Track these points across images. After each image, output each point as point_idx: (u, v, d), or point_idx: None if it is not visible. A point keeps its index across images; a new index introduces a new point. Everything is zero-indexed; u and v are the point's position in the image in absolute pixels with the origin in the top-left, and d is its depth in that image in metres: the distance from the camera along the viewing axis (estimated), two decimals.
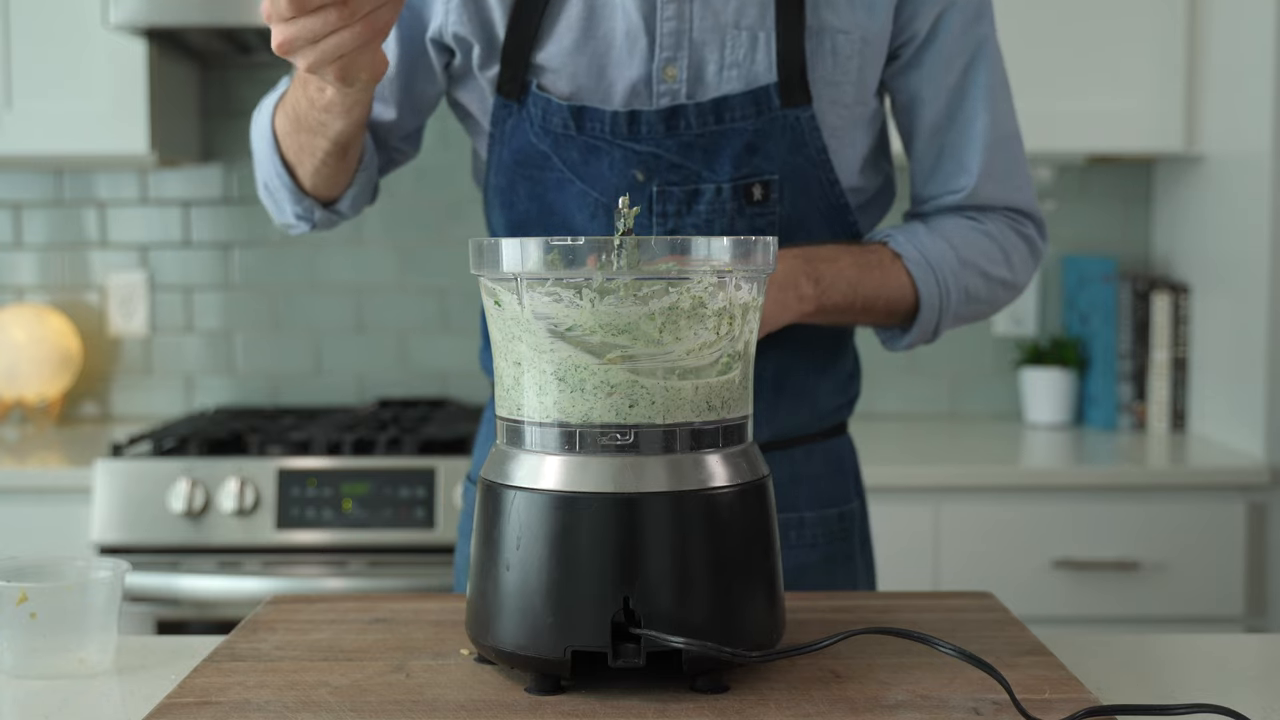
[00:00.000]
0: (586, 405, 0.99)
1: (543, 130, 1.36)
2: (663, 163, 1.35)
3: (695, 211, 1.35)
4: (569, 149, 1.36)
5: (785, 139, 1.35)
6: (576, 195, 1.37)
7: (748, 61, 1.34)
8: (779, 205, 1.36)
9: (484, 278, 1.03)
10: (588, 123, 1.35)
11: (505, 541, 1.00)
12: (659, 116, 1.34)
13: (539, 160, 1.38)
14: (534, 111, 1.36)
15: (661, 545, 0.98)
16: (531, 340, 1.00)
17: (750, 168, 1.35)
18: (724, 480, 1.01)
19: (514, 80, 1.37)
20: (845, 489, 1.51)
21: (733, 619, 1.00)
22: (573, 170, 1.36)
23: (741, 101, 1.34)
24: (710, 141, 1.34)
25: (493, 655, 1.02)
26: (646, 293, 0.97)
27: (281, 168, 1.42)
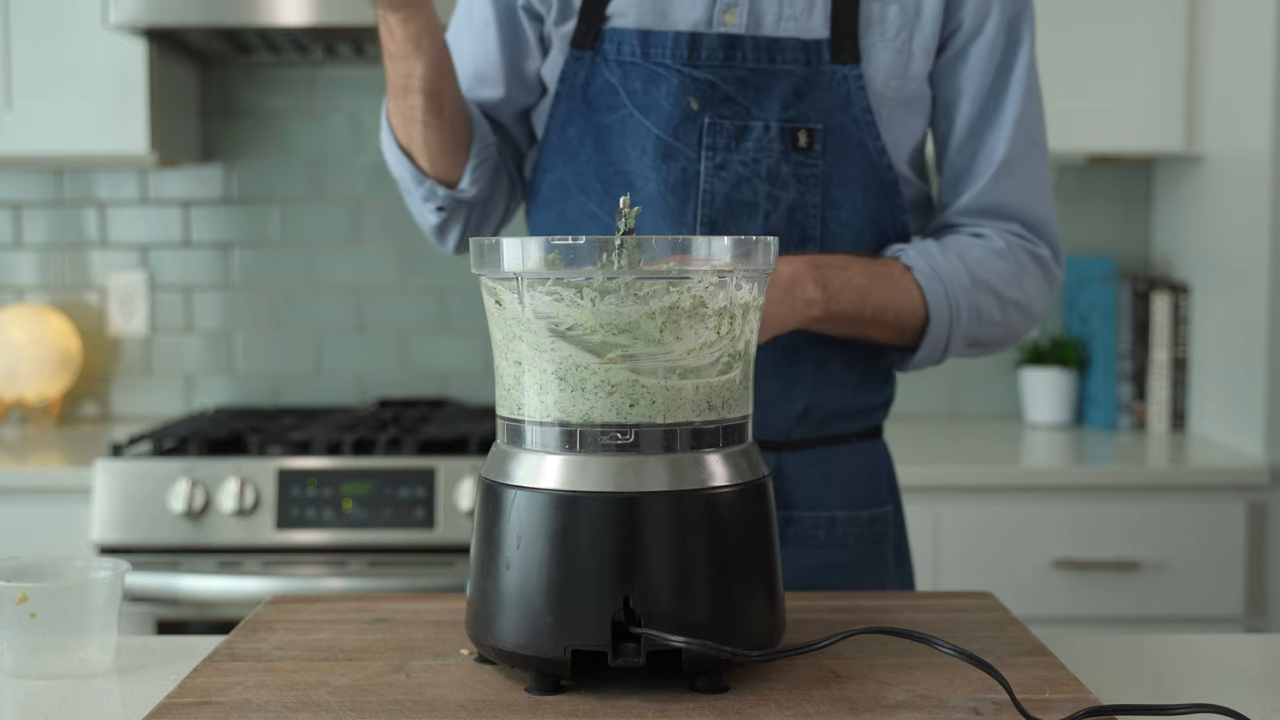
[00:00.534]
0: (587, 405, 0.99)
1: (615, 63, 1.41)
2: (717, 93, 1.39)
3: (743, 148, 1.39)
4: (634, 78, 1.40)
5: (832, 93, 1.39)
6: (634, 131, 1.41)
7: (804, 16, 1.39)
8: (823, 159, 1.39)
9: (485, 277, 1.03)
10: (653, 48, 1.40)
11: (505, 541, 1.00)
12: (719, 42, 1.39)
13: (608, 98, 1.42)
14: (608, 48, 1.41)
15: (662, 545, 0.98)
16: (532, 340, 1.00)
17: (797, 112, 1.39)
18: (724, 480, 1.01)
19: (589, 31, 1.42)
20: (879, 492, 1.51)
21: (733, 619, 1.00)
22: (634, 102, 1.40)
23: (794, 47, 1.39)
24: (762, 79, 1.39)
25: (493, 655, 1.02)
26: (647, 292, 0.97)
27: (399, 152, 1.47)
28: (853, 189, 1.41)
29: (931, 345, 1.43)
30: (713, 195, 1.39)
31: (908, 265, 1.40)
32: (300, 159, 3.20)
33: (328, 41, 2.94)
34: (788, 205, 1.39)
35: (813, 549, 1.44)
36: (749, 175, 1.39)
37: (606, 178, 1.42)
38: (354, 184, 3.19)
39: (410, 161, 1.46)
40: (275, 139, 3.19)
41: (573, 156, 1.45)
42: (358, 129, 3.19)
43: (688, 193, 1.39)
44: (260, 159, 3.20)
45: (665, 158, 1.39)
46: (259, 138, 3.19)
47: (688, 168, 1.39)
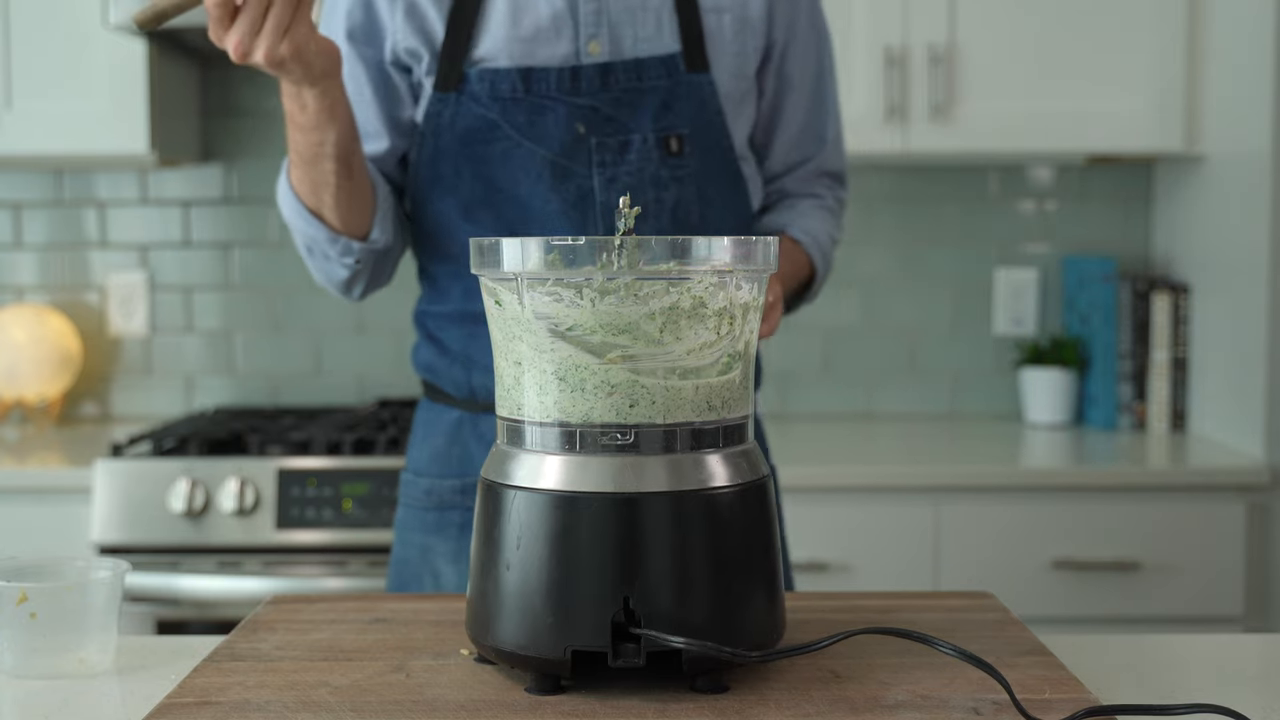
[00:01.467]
0: (587, 405, 0.99)
1: (491, 99, 1.52)
2: (599, 115, 1.53)
3: (628, 160, 1.54)
4: (516, 112, 1.52)
5: (691, 100, 1.56)
6: (523, 159, 1.53)
7: (655, 34, 1.56)
8: (691, 159, 1.56)
9: (484, 277, 1.03)
10: (535, 82, 1.52)
11: (505, 541, 1.00)
12: (596, 71, 1.53)
13: (486, 133, 1.53)
14: (479, 88, 1.53)
15: (661, 545, 0.98)
16: (532, 340, 1.00)
17: (666, 122, 1.55)
18: (724, 480, 1.01)
19: (451, 74, 1.54)
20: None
21: (733, 619, 1.00)
22: (520, 133, 1.52)
23: (655, 64, 1.55)
24: (635, 97, 1.54)
25: (493, 655, 1.02)
26: (647, 293, 0.97)
27: (310, 215, 1.52)
28: (717, 183, 1.59)
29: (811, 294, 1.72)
30: (609, 206, 1.53)
31: (796, 240, 1.66)
32: None
33: None
34: (670, 205, 1.55)
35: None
36: (636, 184, 1.54)
37: (496, 204, 1.54)
38: None
39: (322, 223, 1.52)
40: (275, 139, 3.19)
41: (451, 190, 1.56)
42: None
43: (585, 206, 1.53)
44: (260, 159, 3.20)
45: (562, 178, 1.53)
46: (259, 138, 3.20)
47: (582, 184, 1.54)
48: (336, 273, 1.58)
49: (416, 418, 1.70)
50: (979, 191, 3.20)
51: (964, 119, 2.80)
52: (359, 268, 1.58)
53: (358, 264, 1.57)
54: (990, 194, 3.20)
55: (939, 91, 2.77)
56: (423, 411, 1.69)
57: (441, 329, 1.63)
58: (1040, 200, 3.21)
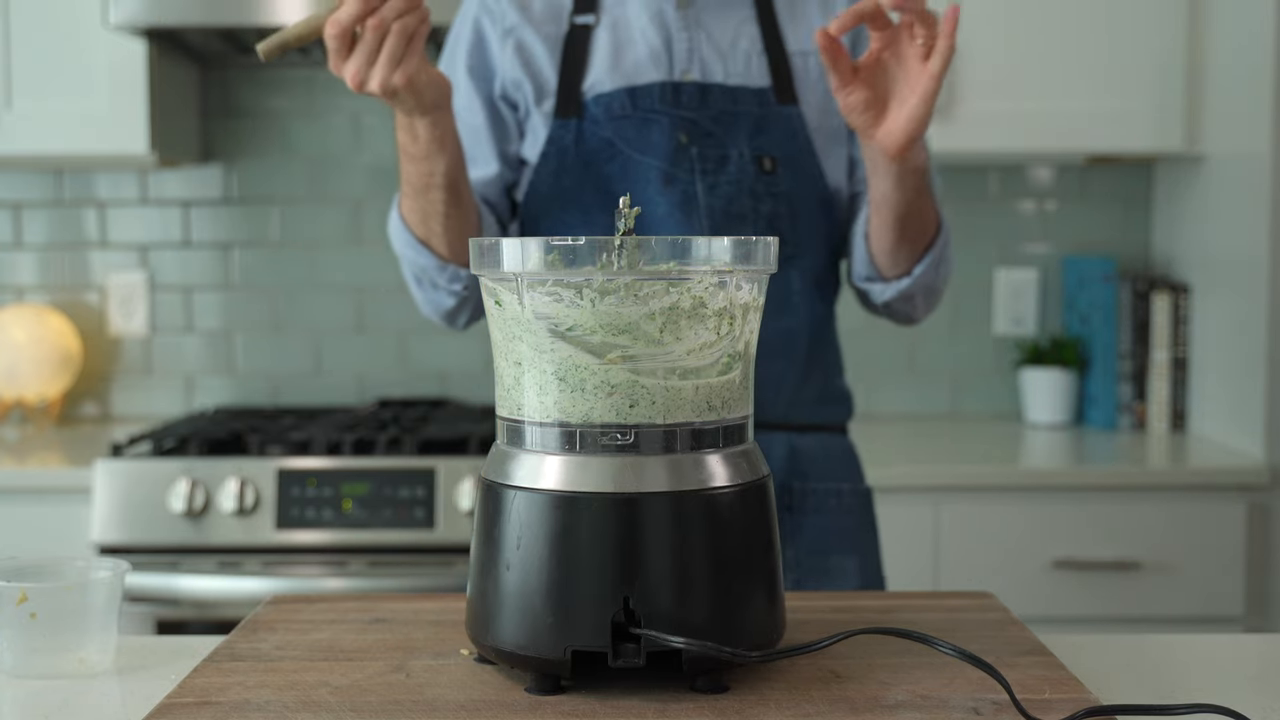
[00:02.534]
0: (587, 405, 0.99)
1: (606, 120, 1.63)
2: (699, 129, 1.63)
3: (727, 171, 1.63)
4: (626, 128, 1.63)
5: (781, 128, 1.65)
6: (635, 171, 1.63)
7: (745, 72, 1.66)
8: (783, 181, 1.65)
9: (485, 277, 1.03)
10: (641, 98, 1.63)
11: (505, 541, 1.00)
12: (695, 89, 1.64)
13: (603, 151, 1.64)
14: (596, 111, 1.64)
15: (661, 545, 0.98)
16: (532, 340, 1.00)
17: (759, 143, 1.65)
18: (724, 480, 1.01)
19: (569, 102, 1.65)
20: (860, 472, 1.79)
21: (733, 619, 1.00)
22: (630, 147, 1.63)
23: (748, 93, 1.66)
24: (730, 118, 1.64)
25: (493, 655, 1.02)
26: (647, 293, 0.97)
27: (419, 245, 1.60)
28: (808, 204, 1.66)
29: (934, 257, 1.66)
30: (712, 210, 1.62)
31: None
32: (300, 159, 3.20)
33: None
34: (767, 215, 1.64)
35: (827, 515, 1.71)
36: (736, 193, 1.63)
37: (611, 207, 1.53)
38: (354, 184, 3.19)
39: (430, 252, 1.60)
40: (275, 139, 3.19)
41: (573, 203, 1.65)
42: (358, 129, 3.19)
43: (690, 209, 1.62)
44: (260, 159, 3.20)
45: (668, 184, 1.62)
46: (259, 138, 3.20)
47: (687, 189, 1.62)
48: (443, 301, 1.65)
49: None
50: (979, 191, 3.20)
51: (964, 119, 2.80)
52: (465, 294, 1.64)
53: (465, 290, 1.63)
54: (990, 194, 3.20)
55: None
56: None
57: None
58: (1040, 200, 3.21)
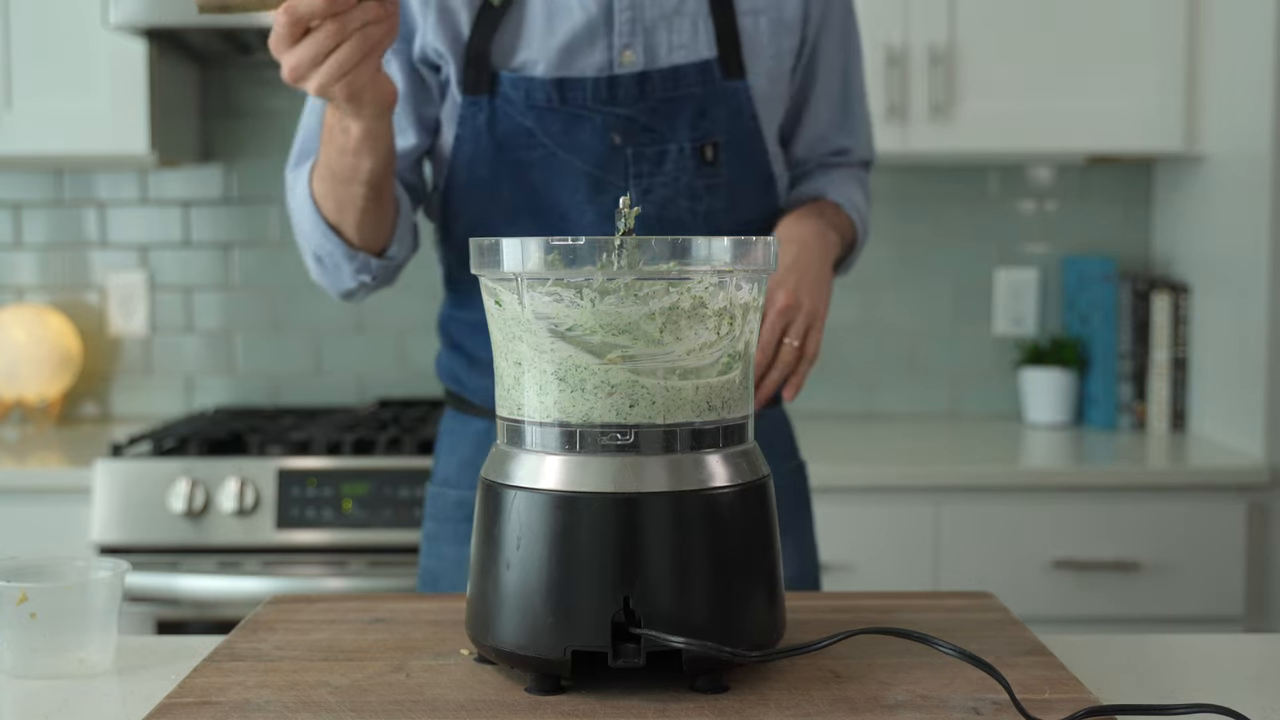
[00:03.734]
0: (587, 405, 0.99)
1: (525, 107, 1.49)
2: (636, 125, 1.50)
3: (664, 171, 1.51)
4: (551, 121, 1.49)
5: (726, 107, 1.53)
6: (560, 169, 1.50)
7: (692, 42, 1.52)
8: (726, 168, 1.54)
9: (484, 277, 1.03)
10: (570, 92, 1.49)
11: (505, 541, 1.00)
12: (633, 80, 1.50)
13: (523, 140, 1.50)
14: (514, 94, 1.49)
15: (661, 545, 0.98)
16: (532, 340, 1.00)
17: (701, 130, 1.52)
18: (724, 480, 1.01)
19: (480, 77, 1.50)
20: (790, 446, 1.72)
21: (733, 619, 1.00)
22: (555, 142, 1.49)
23: (691, 71, 1.52)
24: (671, 106, 1.51)
25: (493, 655, 1.02)
26: (647, 293, 0.97)
27: (329, 230, 1.49)
28: (748, 189, 1.57)
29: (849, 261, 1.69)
30: (645, 218, 1.50)
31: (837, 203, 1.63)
32: None
33: None
34: (704, 214, 1.53)
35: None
36: (672, 195, 1.52)
37: (537, 211, 1.51)
38: None
39: (340, 239, 1.49)
40: (275, 139, 3.19)
41: (491, 194, 1.53)
42: None
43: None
44: (260, 159, 3.20)
45: (598, 191, 1.50)
46: (259, 138, 3.19)
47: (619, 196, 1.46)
48: (345, 283, 1.56)
49: (442, 428, 1.69)
50: (979, 191, 3.20)
51: (964, 118, 2.80)
52: (370, 282, 1.55)
53: (371, 280, 1.55)
54: (990, 194, 3.20)
55: (939, 91, 2.78)
56: (448, 422, 1.67)
57: (468, 336, 1.61)
58: (1040, 200, 3.21)
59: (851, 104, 1.69)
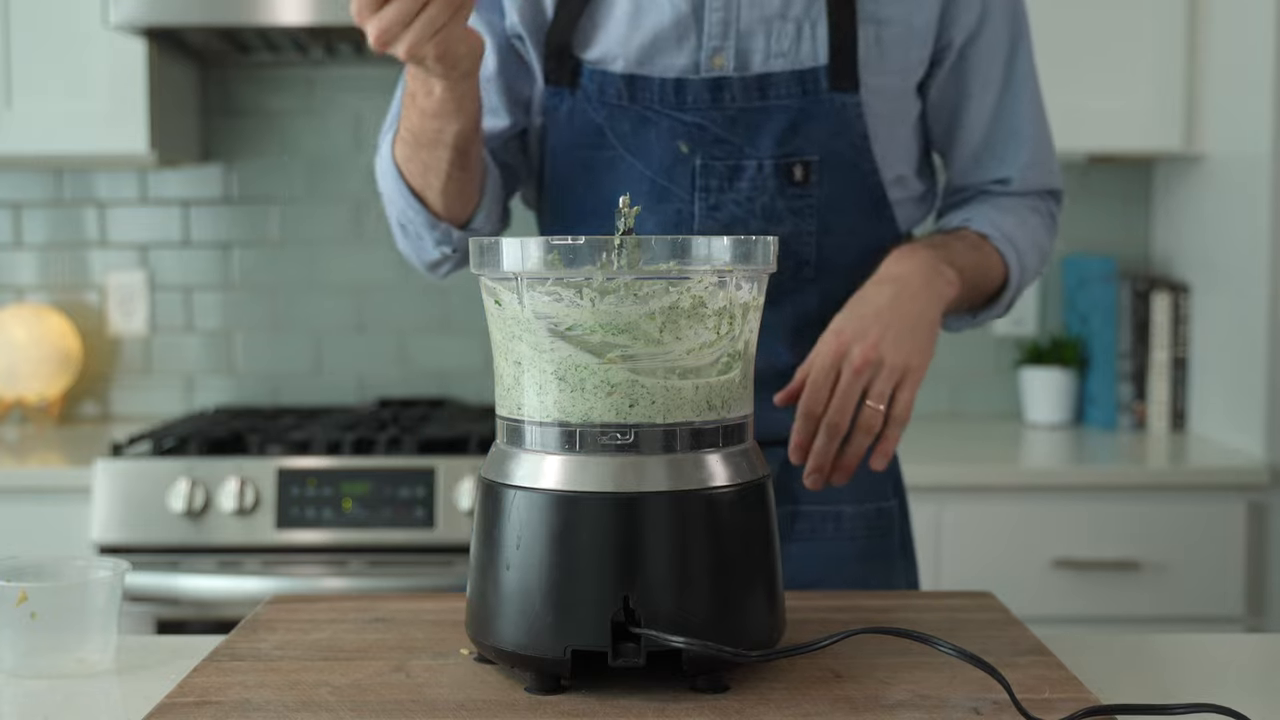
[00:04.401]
0: (586, 405, 0.99)
1: (599, 103, 1.40)
2: (708, 135, 1.38)
3: (737, 188, 1.39)
4: (621, 121, 1.40)
5: (828, 122, 1.39)
6: (626, 172, 1.41)
7: (793, 51, 1.38)
8: (818, 189, 1.39)
9: (484, 277, 1.03)
10: (639, 92, 1.39)
11: (505, 541, 1.00)
12: (704, 85, 1.38)
13: (593, 138, 1.42)
14: (590, 87, 1.40)
15: (661, 545, 0.98)
16: (531, 340, 1.00)
17: (792, 147, 1.38)
18: (724, 480, 1.01)
19: (562, 67, 1.42)
20: (884, 486, 1.52)
21: (733, 618, 1.00)
22: (623, 144, 1.40)
23: (787, 80, 1.38)
24: (753, 117, 1.38)
25: (492, 655, 1.02)
26: (646, 292, 0.97)
27: (412, 197, 1.41)
28: (847, 213, 1.42)
29: (1003, 301, 1.49)
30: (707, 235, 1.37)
31: (982, 233, 1.45)
32: (300, 159, 3.20)
33: (328, 41, 2.94)
34: (782, 239, 1.39)
35: (821, 542, 1.46)
36: (743, 215, 1.40)
37: (602, 214, 1.42)
38: (354, 183, 3.19)
39: (424, 206, 1.42)
40: (275, 139, 3.19)
41: (568, 189, 1.45)
42: (358, 129, 3.19)
43: (681, 234, 1.39)
44: (260, 159, 3.20)
45: (659, 199, 1.41)
46: (259, 137, 3.19)
47: (682, 209, 1.41)
48: (428, 253, 1.48)
49: None
50: None
51: None
52: (453, 255, 1.46)
53: (454, 252, 1.46)
54: None
55: None
56: None
57: None
58: None
59: (1014, 124, 1.51)
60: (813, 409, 1.23)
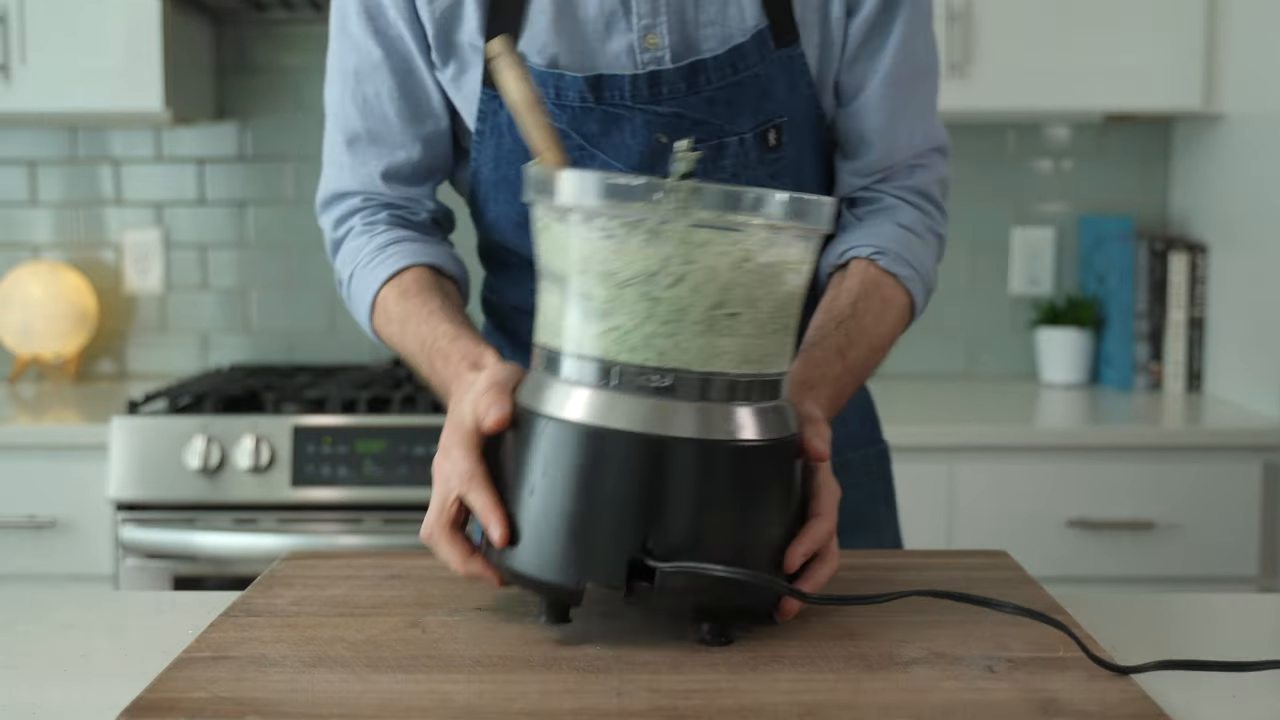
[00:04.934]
0: (627, 344, 0.98)
1: (557, 108, 1.33)
2: (685, 121, 1.33)
3: (721, 166, 1.34)
4: (587, 122, 1.33)
5: (785, 79, 1.35)
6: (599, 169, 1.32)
7: (721, 17, 1.32)
8: (789, 148, 1.36)
9: (538, 206, 1.03)
10: (606, 91, 1.32)
11: (532, 467, 1.00)
12: (680, 74, 1.32)
13: None
14: (544, 91, 1.31)
15: (685, 491, 0.98)
16: (579, 274, 0.99)
17: (765, 114, 1.34)
18: (754, 434, 1.00)
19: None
20: (874, 432, 1.58)
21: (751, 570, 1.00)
22: (592, 143, 1.34)
23: (751, 48, 1.32)
24: (731, 93, 1.33)
25: (509, 576, 1.02)
26: (696, 240, 0.97)
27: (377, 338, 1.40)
28: (809, 168, 1.40)
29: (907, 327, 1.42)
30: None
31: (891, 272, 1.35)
32: (315, 116, 3.19)
33: None
34: None
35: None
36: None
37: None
38: None
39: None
40: (290, 96, 3.18)
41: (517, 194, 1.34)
42: None
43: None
44: (275, 116, 3.19)
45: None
46: (273, 95, 3.19)
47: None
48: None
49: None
50: (996, 150, 3.18)
51: (981, 76, 2.78)
52: None
53: None
54: (1007, 152, 3.19)
55: (956, 49, 2.76)
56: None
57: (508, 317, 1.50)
58: (1057, 159, 3.19)
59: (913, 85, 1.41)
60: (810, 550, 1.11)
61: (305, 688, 0.93)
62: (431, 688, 0.93)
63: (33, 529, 2.57)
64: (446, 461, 1.10)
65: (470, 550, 1.07)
